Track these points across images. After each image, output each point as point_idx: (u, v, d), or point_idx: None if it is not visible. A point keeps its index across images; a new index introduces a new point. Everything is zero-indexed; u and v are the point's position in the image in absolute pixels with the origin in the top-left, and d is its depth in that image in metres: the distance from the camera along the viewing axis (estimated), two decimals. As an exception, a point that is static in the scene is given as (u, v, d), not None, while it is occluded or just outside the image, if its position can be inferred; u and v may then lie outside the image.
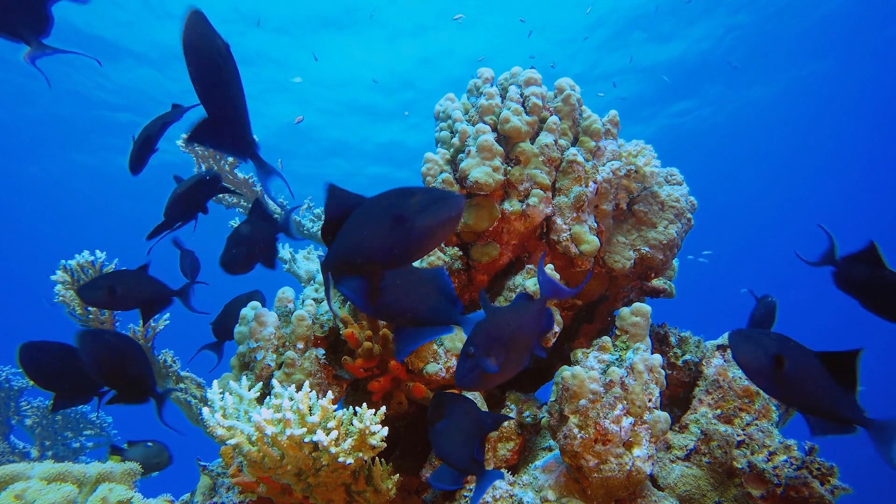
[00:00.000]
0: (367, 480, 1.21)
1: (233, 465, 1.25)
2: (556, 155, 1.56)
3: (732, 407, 1.40)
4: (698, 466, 1.38)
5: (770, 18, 7.98)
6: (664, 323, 1.66)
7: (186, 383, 2.02)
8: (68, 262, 1.80)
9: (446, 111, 1.65)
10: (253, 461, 1.10)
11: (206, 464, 1.53)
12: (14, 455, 2.47)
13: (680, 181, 1.72)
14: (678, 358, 1.57)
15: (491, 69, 1.66)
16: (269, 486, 1.19)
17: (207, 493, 1.49)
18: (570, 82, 1.62)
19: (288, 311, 1.67)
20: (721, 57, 8.70)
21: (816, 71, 9.54)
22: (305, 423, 1.07)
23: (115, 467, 1.50)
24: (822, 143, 12.97)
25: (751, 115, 11.01)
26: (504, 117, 1.53)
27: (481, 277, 1.61)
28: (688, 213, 1.71)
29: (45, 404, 2.60)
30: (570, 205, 1.56)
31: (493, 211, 1.52)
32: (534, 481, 1.32)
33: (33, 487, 1.32)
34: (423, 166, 1.60)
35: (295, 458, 1.09)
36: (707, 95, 9.89)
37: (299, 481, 1.14)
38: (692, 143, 11.46)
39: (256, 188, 2.73)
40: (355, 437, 1.10)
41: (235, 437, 1.09)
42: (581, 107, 1.64)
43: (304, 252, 2.45)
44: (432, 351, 1.45)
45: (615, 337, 1.49)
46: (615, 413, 1.22)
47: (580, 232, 1.55)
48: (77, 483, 1.41)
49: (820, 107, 10.93)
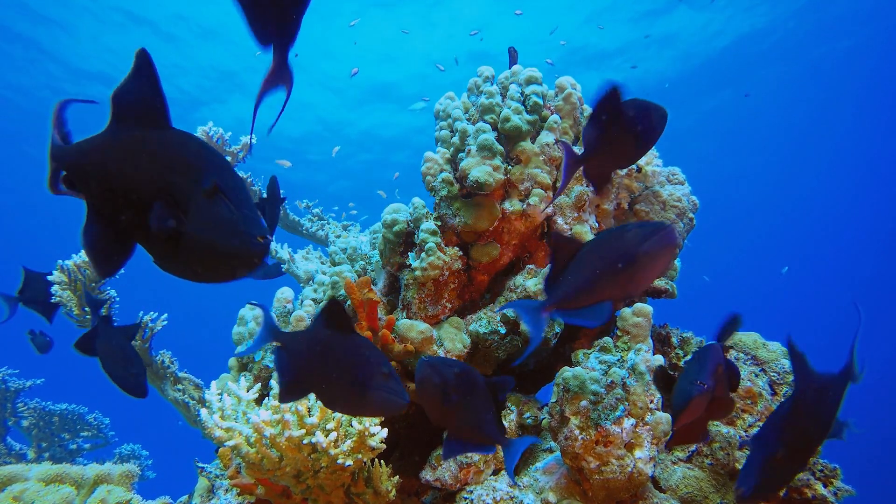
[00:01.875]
0: (367, 482, 1.20)
1: (231, 467, 1.24)
2: (557, 154, 1.55)
3: (735, 408, 1.39)
4: (700, 468, 1.37)
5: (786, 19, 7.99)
6: (666, 323, 1.65)
7: (184, 384, 2.01)
8: (65, 263, 1.79)
9: (446, 110, 1.64)
10: (251, 463, 1.09)
11: (203, 465, 1.52)
12: (11, 457, 2.46)
13: (682, 180, 1.72)
14: (680, 359, 1.56)
15: (491, 67, 1.66)
16: (268, 488, 1.18)
17: (206, 494, 1.48)
18: (571, 81, 1.61)
19: (287, 311, 1.66)
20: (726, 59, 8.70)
21: (816, 71, 9.55)
22: (304, 424, 1.06)
23: (114, 469, 1.49)
24: (821, 143, 12.97)
25: (752, 115, 11.03)
26: (504, 116, 1.52)
27: (482, 278, 1.60)
28: (690, 213, 1.70)
29: (41, 406, 2.59)
30: (571, 204, 1.55)
31: (494, 210, 1.51)
32: (535, 483, 1.31)
33: (31, 489, 1.31)
34: (423, 165, 1.59)
35: (294, 459, 1.08)
36: (707, 96, 9.90)
37: (298, 483, 1.14)
38: (693, 141, 11.47)
39: (255, 187, 2.73)
40: (354, 439, 1.10)
41: (234, 438, 1.08)
42: (582, 105, 1.63)
43: (303, 252, 2.44)
44: (432, 351, 1.44)
45: (616, 338, 1.48)
46: (616, 414, 1.22)
47: (581, 231, 1.54)
48: (75, 484, 1.40)
49: (820, 106, 10.94)
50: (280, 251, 2.53)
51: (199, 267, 0.58)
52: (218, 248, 0.56)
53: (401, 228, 1.54)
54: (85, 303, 1.85)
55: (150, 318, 1.95)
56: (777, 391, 1.42)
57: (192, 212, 0.56)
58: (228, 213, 0.56)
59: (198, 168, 0.57)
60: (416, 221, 1.53)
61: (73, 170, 0.60)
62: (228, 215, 0.56)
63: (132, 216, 0.58)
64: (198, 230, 0.56)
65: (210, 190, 0.56)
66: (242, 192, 0.58)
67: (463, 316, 1.56)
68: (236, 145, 2.60)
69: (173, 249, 0.57)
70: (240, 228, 0.56)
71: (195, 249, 0.56)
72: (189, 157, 0.58)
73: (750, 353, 1.47)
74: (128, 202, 0.57)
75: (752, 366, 1.45)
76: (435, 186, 1.56)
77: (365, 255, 1.75)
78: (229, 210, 0.56)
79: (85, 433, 2.68)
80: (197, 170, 0.57)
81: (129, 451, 2.71)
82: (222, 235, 0.56)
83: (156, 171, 0.57)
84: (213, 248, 0.56)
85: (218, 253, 0.56)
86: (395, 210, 1.57)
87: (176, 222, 0.55)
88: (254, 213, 0.58)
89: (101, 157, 0.59)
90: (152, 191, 0.56)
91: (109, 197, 0.58)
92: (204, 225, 0.56)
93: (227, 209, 0.56)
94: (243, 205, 0.57)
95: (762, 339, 1.50)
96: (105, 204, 0.59)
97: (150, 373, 2.00)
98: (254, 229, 0.56)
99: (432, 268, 1.46)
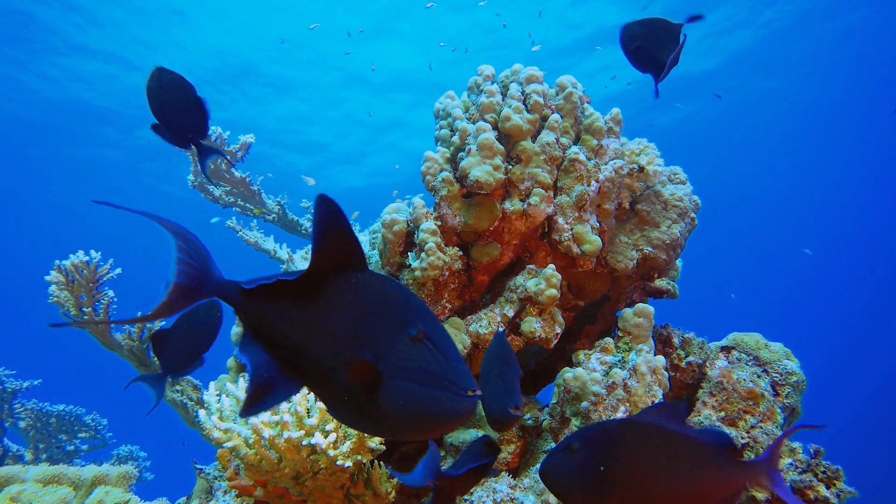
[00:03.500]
0: (366, 484, 1.19)
1: (230, 469, 1.23)
2: (558, 153, 1.54)
3: (736, 409, 1.39)
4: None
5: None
6: (667, 324, 1.64)
7: (183, 385, 1.99)
8: (62, 263, 1.78)
9: (446, 109, 1.63)
10: (250, 464, 1.09)
11: (202, 467, 1.51)
12: (8, 458, 2.45)
13: (683, 180, 1.71)
14: (681, 359, 1.55)
15: (492, 66, 1.65)
16: (267, 490, 1.17)
17: (204, 496, 1.47)
18: (572, 80, 1.60)
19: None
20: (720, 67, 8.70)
21: (820, 70, 9.56)
22: (303, 425, 1.05)
23: (111, 470, 1.48)
24: (822, 142, 12.99)
25: (752, 114, 11.03)
26: (505, 115, 1.51)
27: (482, 278, 1.59)
28: (691, 213, 1.69)
29: (39, 407, 2.58)
30: (571, 204, 1.54)
31: (494, 210, 1.50)
32: (535, 485, 1.31)
33: (29, 490, 1.30)
34: (422, 165, 1.58)
35: (293, 461, 1.07)
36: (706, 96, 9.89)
37: (297, 484, 1.13)
38: (693, 139, 11.47)
39: (253, 187, 2.72)
40: (354, 440, 1.09)
41: (232, 439, 1.07)
42: (583, 104, 1.62)
43: (302, 252, 2.43)
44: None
45: (618, 338, 1.47)
46: (618, 415, 1.21)
47: (582, 232, 1.53)
48: (73, 486, 1.39)
49: (822, 106, 10.95)
50: (279, 251, 2.51)
51: (399, 420, 0.51)
52: (424, 402, 0.50)
53: (400, 228, 1.53)
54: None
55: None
56: (779, 392, 1.41)
57: (393, 361, 0.51)
58: (436, 362, 0.51)
59: (403, 312, 0.53)
60: (415, 221, 1.52)
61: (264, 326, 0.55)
62: (436, 366, 0.51)
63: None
64: (402, 380, 0.50)
65: (416, 337, 0.51)
66: (448, 340, 0.53)
67: (463, 316, 1.55)
68: (234, 144, 2.59)
69: (368, 402, 0.51)
70: (449, 380, 0.50)
71: (397, 403, 0.50)
72: (392, 302, 0.53)
73: (752, 353, 1.46)
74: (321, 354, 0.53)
75: (755, 367, 1.45)
76: (435, 186, 1.55)
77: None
78: (436, 359, 0.51)
79: (83, 434, 2.66)
80: (402, 314, 0.52)
81: (127, 452, 2.70)
82: (430, 387, 0.50)
83: (356, 317, 0.52)
84: (417, 402, 0.50)
85: (423, 409, 0.50)
86: (394, 210, 1.56)
87: (378, 372, 0.50)
88: (462, 366, 0.52)
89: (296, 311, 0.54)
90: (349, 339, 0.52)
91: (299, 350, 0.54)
92: (409, 375, 0.50)
93: (433, 358, 0.51)
94: (450, 356, 0.52)
95: (764, 340, 1.50)
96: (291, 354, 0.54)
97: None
98: (464, 382, 0.51)
99: (432, 268, 1.45)
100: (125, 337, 1.92)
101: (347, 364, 0.51)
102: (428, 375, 0.50)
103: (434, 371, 0.51)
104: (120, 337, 1.93)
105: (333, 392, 0.53)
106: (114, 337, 1.92)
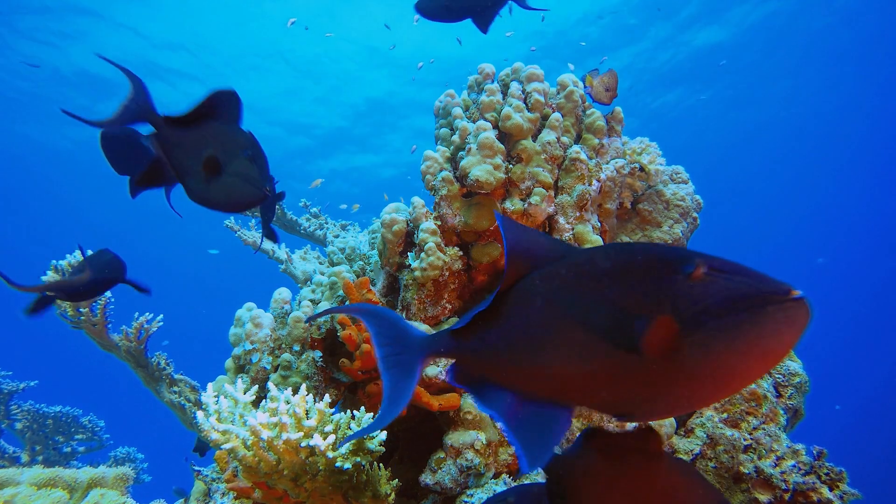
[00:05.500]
0: (366, 486, 1.18)
1: (227, 471, 1.22)
2: (559, 153, 1.53)
3: (739, 411, 1.38)
4: (704, 471, 1.35)
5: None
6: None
7: (180, 386, 1.98)
8: (59, 263, 1.77)
9: (446, 108, 1.62)
10: (248, 466, 1.07)
11: (200, 469, 1.50)
12: (3, 460, 2.43)
13: (685, 179, 1.70)
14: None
15: (492, 65, 1.64)
16: (265, 492, 1.16)
17: (202, 498, 1.46)
18: (573, 78, 1.59)
19: (284, 312, 1.64)
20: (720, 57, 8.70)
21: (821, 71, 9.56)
22: (302, 426, 1.04)
23: (108, 472, 1.47)
24: (822, 142, 13.01)
25: (752, 114, 11.04)
26: (505, 114, 1.50)
27: (481, 278, 1.58)
28: (693, 212, 1.68)
29: (35, 408, 2.56)
30: (572, 203, 1.53)
31: (495, 210, 1.49)
32: (537, 486, 1.29)
33: (23, 493, 1.29)
34: (422, 164, 1.57)
35: (291, 462, 1.06)
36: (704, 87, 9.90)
37: (296, 487, 1.12)
38: (693, 136, 11.48)
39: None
40: (353, 442, 1.08)
41: (230, 441, 1.06)
42: (584, 103, 1.61)
43: (301, 252, 2.42)
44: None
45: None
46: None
47: (583, 231, 1.52)
48: (68, 489, 1.38)
49: (825, 106, 10.96)
50: (278, 251, 2.50)
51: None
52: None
53: (400, 228, 1.52)
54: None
55: (146, 319, 1.93)
56: (782, 393, 1.40)
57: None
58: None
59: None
60: (415, 221, 1.51)
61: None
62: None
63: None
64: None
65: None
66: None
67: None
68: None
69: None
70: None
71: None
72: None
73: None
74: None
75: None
76: (435, 185, 1.54)
77: (364, 255, 1.73)
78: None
79: (79, 436, 2.64)
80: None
81: (124, 454, 2.68)
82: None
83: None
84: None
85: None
86: (394, 209, 1.55)
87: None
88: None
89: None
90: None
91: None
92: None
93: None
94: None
95: (766, 341, 1.49)
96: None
97: (145, 375, 1.98)
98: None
99: (432, 268, 1.44)
100: (122, 338, 1.91)
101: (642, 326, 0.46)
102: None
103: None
104: (117, 338, 1.91)
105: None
106: (111, 338, 1.91)
